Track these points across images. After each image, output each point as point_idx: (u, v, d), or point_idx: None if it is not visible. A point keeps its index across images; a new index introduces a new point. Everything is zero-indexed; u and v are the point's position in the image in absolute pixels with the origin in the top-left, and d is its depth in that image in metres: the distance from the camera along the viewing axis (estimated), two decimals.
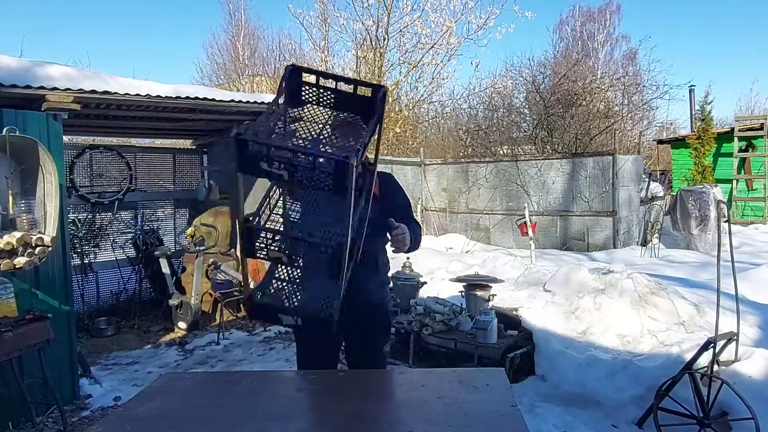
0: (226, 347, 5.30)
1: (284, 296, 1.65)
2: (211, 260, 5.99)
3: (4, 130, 3.24)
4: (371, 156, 1.95)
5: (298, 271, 1.67)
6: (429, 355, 4.42)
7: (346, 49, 17.44)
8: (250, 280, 5.96)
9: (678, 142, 13.46)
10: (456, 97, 17.81)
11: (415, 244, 2.35)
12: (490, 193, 10.54)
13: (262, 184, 1.92)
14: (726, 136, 12.42)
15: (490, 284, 4.59)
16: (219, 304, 5.82)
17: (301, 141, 1.62)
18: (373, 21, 13.74)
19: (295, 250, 1.53)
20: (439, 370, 2.50)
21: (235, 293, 6.03)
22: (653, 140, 17.13)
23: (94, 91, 4.37)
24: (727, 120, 19.73)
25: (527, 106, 15.68)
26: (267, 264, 2.48)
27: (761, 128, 11.84)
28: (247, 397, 1.78)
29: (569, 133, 13.74)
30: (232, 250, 6.86)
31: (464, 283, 4.65)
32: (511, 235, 10.10)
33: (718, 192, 9.03)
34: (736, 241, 7.46)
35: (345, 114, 1.81)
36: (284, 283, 1.68)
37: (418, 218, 10.06)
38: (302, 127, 1.73)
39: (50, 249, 3.32)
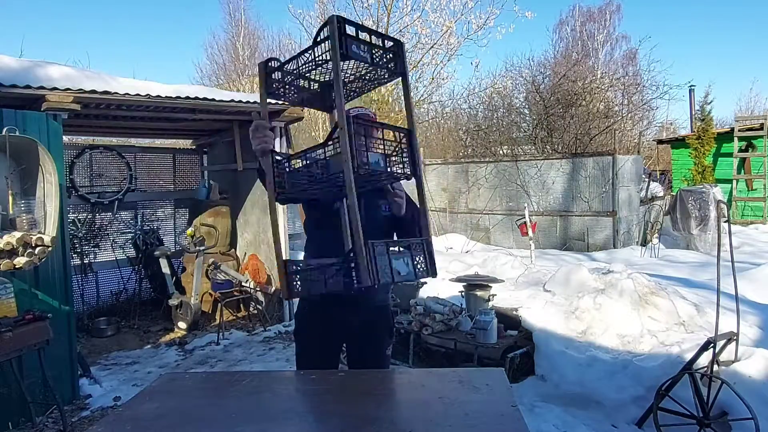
0: (226, 347, 5.30)
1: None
2: (211, 260, 6.00)
3: (4, 130, 3.23)
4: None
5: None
6: (429, 355, 4.42)
7: None
8: (249, 278, 5.91)
9: (678, 142, 13.46)
10: (456, 97, 17.83)
11: (417, 225, 2.18)
12: (490, 193, 10.54)
13: (262, 184, 1.94)
14: (726, 136, 12.42)
15: (490, 284, 4.59)
16: (219, 304, 5.82)
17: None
18: (373, 21, 13.74)
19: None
20: (439, 370, 2.49)
21: (235, 293, 6.04)
22: (653, 140, 17.13)
23: (94, 91, 4.37)
24: (727, 120, 19.77)
25: (527, 106, 15.67)
26: (266, 263, 2.48)
27: (761, 128, 11.84)
28: (247, 397, 1.78)
29: (569, 133, 13.74)
30: (232, 250, 6.86)
31: (464, 283, 4.64)
32: (511, 235, 10.10)
33: (718, 192, 9.03)
34: (736, 241, 7.46)
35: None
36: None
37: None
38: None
39: (50, 249, 3.31)
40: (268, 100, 1.88)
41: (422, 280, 5.16)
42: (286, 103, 1.87)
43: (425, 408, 1.67)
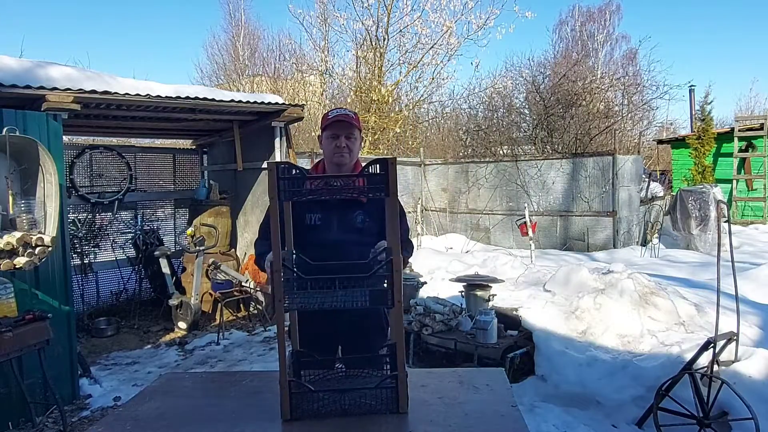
0: (226, 347, 5.30)
1: None
2: (211, 260, 5.99)
3: (4, 130, 3.23)
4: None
5: None
6: (429, 355, 4.42)
7: (346, 49, 17.46)
8: (249, 278, 5.89)
9: (678, 142, 13.46)
10: (456, 97, 17.82)
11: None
12: (491, 193, 10.54)
13: (262, 184, 1.92)
14: (726, 136, 12.42)
15: (490, 284, 4.59)
16: (219, 304, 5.82)
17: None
18: (373, 21, 13.73)
19: None
20: (439, 370, 2.49)
21: (235, 293, 6.03)
22: (653, 140, 17.13)
23: (94, 91, 4.38)
24: (727, 120, 19.75)
25: (527, 106, 15.68)
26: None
27: (761, 128, 11.84)
28: (247, 397, 1.79)
29: (569, 134, 13.75)
30: (232, 250, 6.86)
31: (464, 283, 4.64)
32: (511, 235, 10.10)
33: (718, 192, 9.03)
34: (736, 241, 7.46)
35: None
36: None
37: (418, 217, 10.06)
38: None
39: (50, 249, 3.31)
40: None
41: (422, 279, 5.17)
42: None
43: (425, 408, 1.67)
